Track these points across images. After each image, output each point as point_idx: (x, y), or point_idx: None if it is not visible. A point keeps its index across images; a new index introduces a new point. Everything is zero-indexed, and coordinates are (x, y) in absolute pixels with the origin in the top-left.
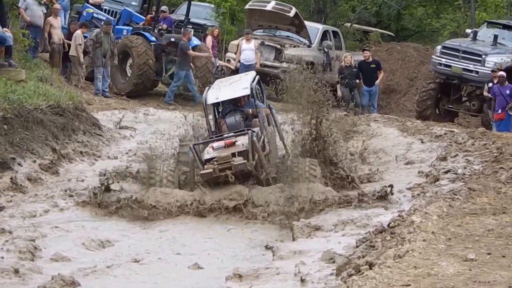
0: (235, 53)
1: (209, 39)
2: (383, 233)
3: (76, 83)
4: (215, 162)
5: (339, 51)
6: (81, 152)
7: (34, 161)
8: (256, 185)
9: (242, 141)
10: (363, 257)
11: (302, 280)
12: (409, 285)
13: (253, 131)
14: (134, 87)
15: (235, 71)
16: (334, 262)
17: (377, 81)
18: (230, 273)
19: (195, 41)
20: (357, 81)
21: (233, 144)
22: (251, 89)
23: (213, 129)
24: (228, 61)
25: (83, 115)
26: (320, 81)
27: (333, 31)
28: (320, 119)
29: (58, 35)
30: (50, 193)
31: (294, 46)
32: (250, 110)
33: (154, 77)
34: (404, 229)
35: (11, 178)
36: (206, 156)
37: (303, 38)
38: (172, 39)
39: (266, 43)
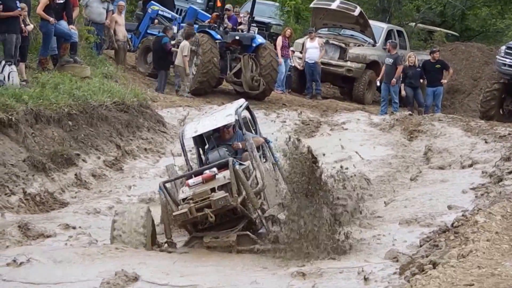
0: (300, 52)
1: (279, 39)
2: (447, 232)
3: (181, 93)
4: (191, 201)
5: (403, 51)
6: (145, 149)
7: (99, 158)
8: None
9: (225, 174)
10: (427, 256)
11: (366, 279)
12: (473, 284)
13: (237, 161)
14: (199, 84)
15: (302, 71)
16: (397, 261)
17: (445, 80)
18: (294, 272)
19: (260, 39)
20: (421, 80)
21: (212, 178)
22: (237, 116)
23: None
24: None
25: (148, 112)
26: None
27: (397, 31)
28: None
29: (122, 32)
30: (114, 190)
31: (359, 45)
32: (237, 143)
33: (219, 74)
34: (468, 229)
35: (75, 174)
36: (181, 195)
37: (367, 37)
38: (237, 37)
39: (331, 41)
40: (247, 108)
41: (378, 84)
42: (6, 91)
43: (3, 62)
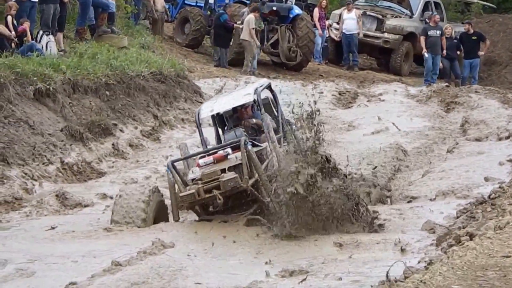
0: (337, 23)
1: (316, 11)
2: (484, 204)
3: (245, 69)
4: (200, 181)
5: (440, 22)
6: (182, 119)
7: (136, 128)
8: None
9: (237, 155)
10: (464, 228)
11: (402, 250)
12: (510, 256)
13: (251, 142)
14: (236, 55)
15: (339, 42)
16: (434, 232)
17: (482, 52)
18: (331, 243)
19: (297, 10)
20: (458, 52)
21: (224, 158)
22: (255, 96)
23: None
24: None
25: (185, 83)
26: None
27: (434, 2)
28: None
29: (161, 3)
30: (151, 160)
31: (396, 17)
32: (252, 120)
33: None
34: (505, 201)
35: (113, 144)
36: (191, 175)
37: (404, 9)
38: (274, 8)
39: (368, 13)
40: (269, 88)
41: (426, 55)
42: (44, 61)
43: (41, 32)
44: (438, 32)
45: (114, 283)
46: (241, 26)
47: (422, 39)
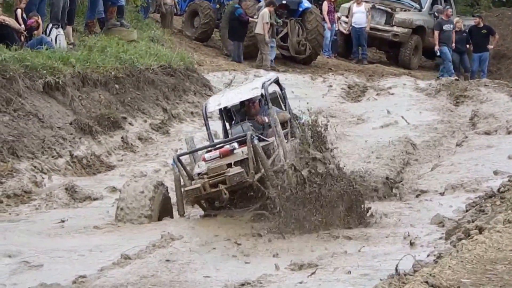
0: (346, 16)
1: (325, 4)
2: (493, 197)
3: (265, 63)
4: (205, 176)
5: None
6: (191, 113)
7: (145, 121)
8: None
9: (243, 149)
10: (473, 221)
11: (411, 244)
12: None
13: (258, 136)
14: (245, 48)
15: (348, 36)
16: (443, 226)
17: (491, 45)
18: (340, 236)
19: (306, 4)
20: (467, 46)
21: (230, 152)
22: (263, 90)
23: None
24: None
25: (194, 76)
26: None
27: None
28: None
29: None
30: (161, 153)
31: (405, 10)
32: (261, 116)
33: None
34: None
35: (122, 137)
36: (196, 170)
37: (413, 2)
38: (284, 1)
39: (377, 6)
40: (277, 82)
41: (438, 53)
42: (54, 54)
43: (50, 25)
44: (451, 26)
45: (123, 276)
46: (256, 20)
47: (437, 33)
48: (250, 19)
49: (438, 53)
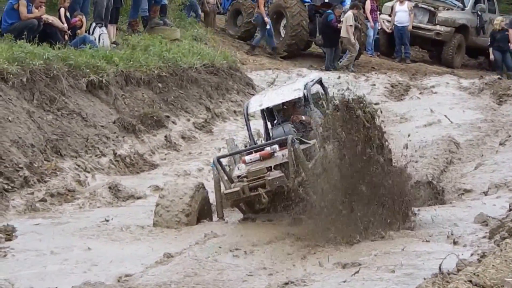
0: (389, 15)
1: (368, 3)
2: None
3: (347, 64)
4: (245, 179)
5: (492, 15)
6: (234, 112)
7: (188, 120)
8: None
9: (284, 152)
10: None
11: (455, 243)
12: None
13: (299, 139)
14: (288, 47)
15: (391, 35)
16: (487, 225)
17: None
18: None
19: (349, 2)
20: (510, 44)
21: (270, 155)
22: (305, 91)
23: None
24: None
25: (237, 75)
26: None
27: None
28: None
29: None
30: (204, 152)
31: (448, 9)
32: (301, 117)
33: (307, 38)
34: None
35: (165, 136)
36: (236, 172)
37: (456, 1)
38: (326, 0)
39: (420, 5)
40: (320, 82)
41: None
42: (97, 53)
43: (94, 24)
44: None
45: (167, 274)
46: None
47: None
48: (339, 25)
49: None
